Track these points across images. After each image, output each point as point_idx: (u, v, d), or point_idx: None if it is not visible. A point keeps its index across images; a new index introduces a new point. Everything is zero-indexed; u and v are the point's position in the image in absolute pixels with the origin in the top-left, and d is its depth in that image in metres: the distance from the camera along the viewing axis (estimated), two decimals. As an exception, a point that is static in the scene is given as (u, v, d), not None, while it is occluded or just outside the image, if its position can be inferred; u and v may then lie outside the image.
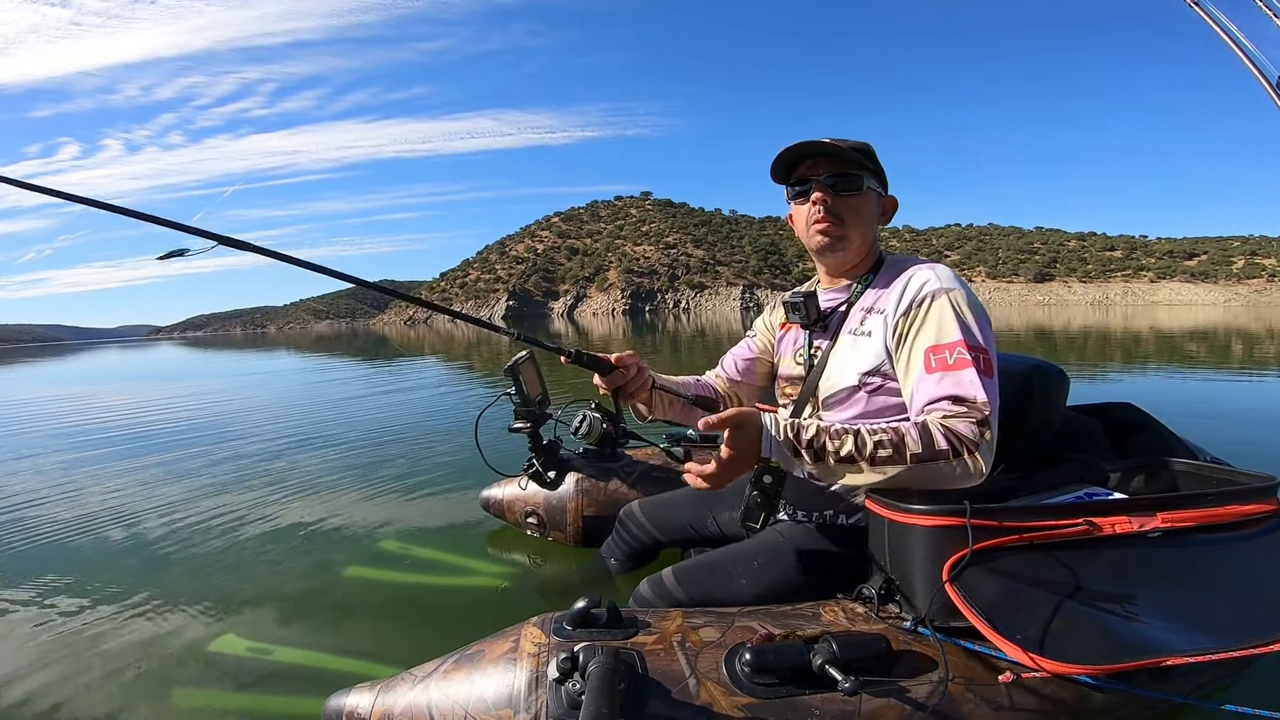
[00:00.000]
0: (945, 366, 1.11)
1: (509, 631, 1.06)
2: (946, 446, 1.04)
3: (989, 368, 1.11)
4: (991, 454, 1.07)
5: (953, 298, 1.16)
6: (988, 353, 1.13)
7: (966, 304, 1.16)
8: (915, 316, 1.17)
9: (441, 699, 0.99)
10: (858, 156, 1.26)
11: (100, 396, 9.09)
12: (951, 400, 1.08)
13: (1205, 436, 1.54)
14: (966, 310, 1.15)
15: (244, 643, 1.71)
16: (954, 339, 1.12)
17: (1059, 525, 1.04)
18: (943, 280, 1.19)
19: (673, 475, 2.13)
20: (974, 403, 1.07)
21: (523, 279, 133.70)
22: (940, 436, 1.05)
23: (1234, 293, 75.64)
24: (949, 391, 1.09)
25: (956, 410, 1.07)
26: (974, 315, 1.15)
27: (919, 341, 1.16)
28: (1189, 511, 1.09)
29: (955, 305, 1.15)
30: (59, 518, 2.95)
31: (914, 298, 1.19)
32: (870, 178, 1.29)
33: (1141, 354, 9.58)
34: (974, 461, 1.05)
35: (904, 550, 1.08)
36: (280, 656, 1.64)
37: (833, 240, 1.29)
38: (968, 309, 1.16)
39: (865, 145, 1.30)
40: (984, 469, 1.06)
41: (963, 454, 1.04)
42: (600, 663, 0.90)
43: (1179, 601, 1.04)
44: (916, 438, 1.05)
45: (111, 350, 38.43)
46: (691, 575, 1.28)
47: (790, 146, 1.26)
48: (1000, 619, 0.98)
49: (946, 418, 1.07)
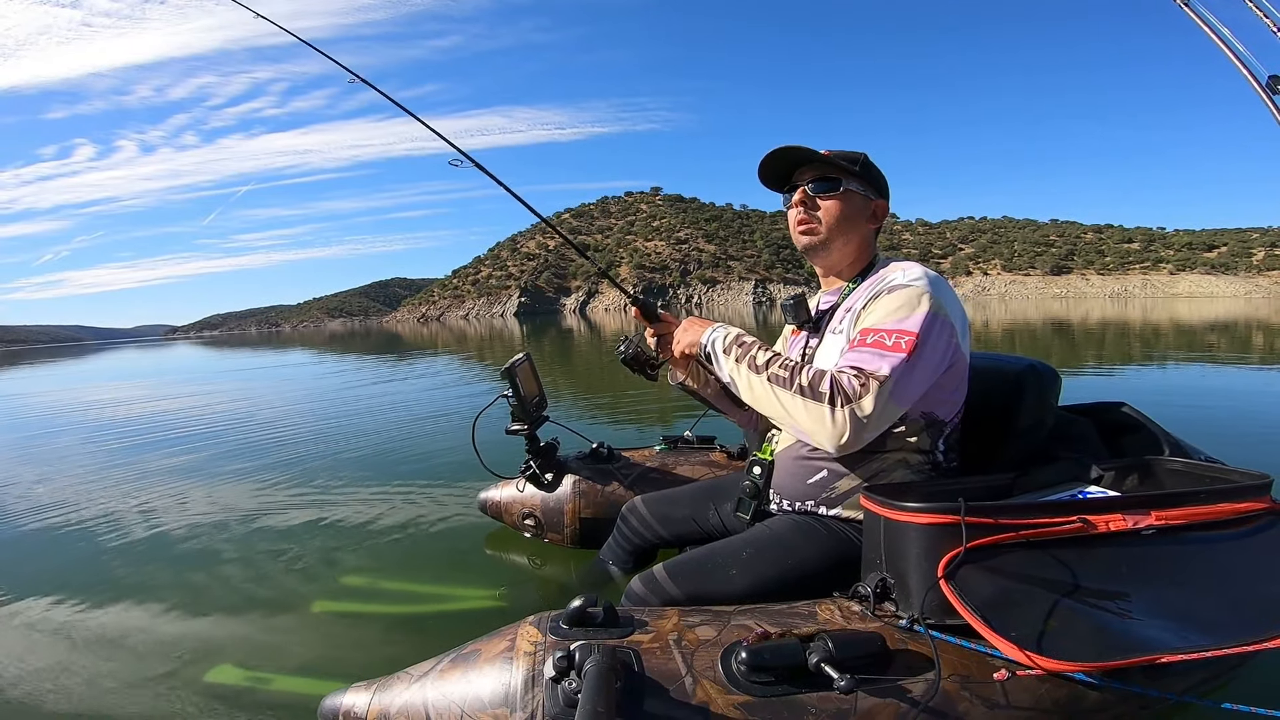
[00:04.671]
0: (867, 344, 1.17)
1: (505, 631, 1.07)
2: (827, 391, 1.12)
3: (913, 356, 1.14)
4: (862, 432, 1.12)
5: (908, 292, 1.21)
6: (916, 341, 1.15)
7: (920, 297, 1.20)
8: (870, 306, 1.24)
9: (438, 698, 1.00)
10: (838, 162, 1.33)
11: (113, 394, 9.23)
12: (855, 369, 1.14)
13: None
14: (918, 301, 1.19)
15: (243, 639, 1.73)
16: (889, 325, 1.18)
17: (1053, 523, 1.04)
18: (908, 276, 1.25)
19: (670, 477, 2.13)
20: (873, 374, 1.12)
21: (535, 275, 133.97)
22: (828, 383, 1.13)
23: (1255, 284, 74.32)
24: (855, 361, 1.16)
25: (854, 374, 1.14)
26: (924, 308, 1.19)
27: (860, 323, 1.24)
28: (1183, 509, 1.09)
29: (907, 297, 1.20)
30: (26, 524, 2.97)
31: (877, 291, 1.26)
32: (854, 181, 1.35)
33: (1185, 347, 9.44)
34: (840, 418, 1.10)
35: (899, 548, 1.08)
36: (276, 658, 1.65)
37: (812, 239, 1.37)
38: (920, 300, 1.19)
39: (857, 154, 1.36)
40: (845, 436, 1.11)
41: (836, 405, 1.11)
42: (596, 661, 0.91)
43: (1173, 599, 1.04)
44: (809, 374, 1.16)
45: (130, 350, 38.95)
46: (683, 569, 1.31)
47: (764, 158, 1.38)
48: (995, 617, 0.98)
49: (841, 373, 1.15)
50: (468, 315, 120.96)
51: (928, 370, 1.18)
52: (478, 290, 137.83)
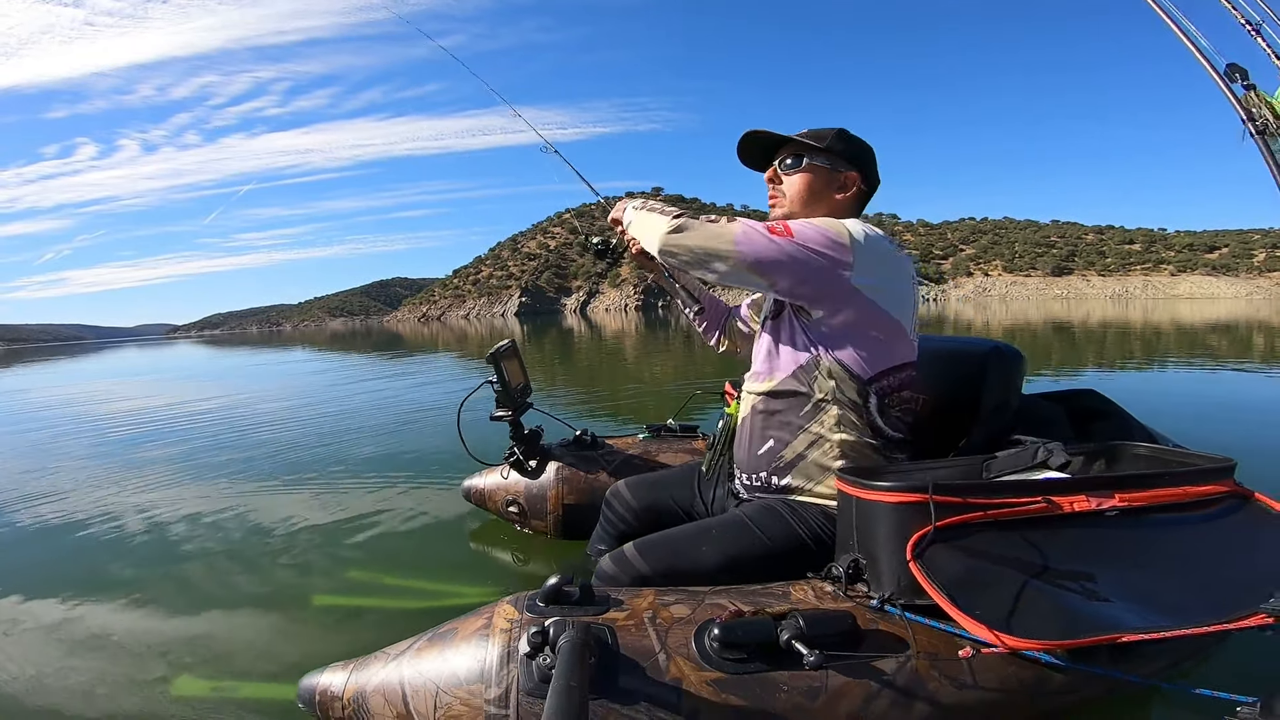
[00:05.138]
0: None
1: (483, 610, 1.09)
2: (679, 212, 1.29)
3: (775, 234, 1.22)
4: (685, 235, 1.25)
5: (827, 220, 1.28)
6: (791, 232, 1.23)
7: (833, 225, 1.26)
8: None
9: (414, 675, 1.02)
10: (802, 140, 1.40)
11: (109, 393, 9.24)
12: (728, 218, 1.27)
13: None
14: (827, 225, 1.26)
15: (221, 633, 1.73)
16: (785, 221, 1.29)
17: (1019, 503, 1.06)
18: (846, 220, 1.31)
19: (651, 464, 2.16)
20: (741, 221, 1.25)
21: (536, 275, 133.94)
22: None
23: (1256, 286, 74.16)
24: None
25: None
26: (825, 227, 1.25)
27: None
28: (1146, 492, 1.11)
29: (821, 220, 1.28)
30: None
31: None
32: (819, 156, 1.40)
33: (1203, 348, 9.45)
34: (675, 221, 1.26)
35: (870, 528, 1.11)
36: (258, 644, 1.66)
37: (778, 212, 1.44)
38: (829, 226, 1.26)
39: (828, 130, 1.41)
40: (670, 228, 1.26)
41: (681, 217, 1.27)
42: (570, 637, 0.92)
43: (1137, 580, 1.06)
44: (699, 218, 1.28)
45: (131, 349, 38.95)
46: (653, 547, 1.34)
47: (738, 142, 1.48)
48: (961, 595, 1.00)
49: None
50: (469, 315, 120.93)
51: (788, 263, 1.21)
52: (478, 290, 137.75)
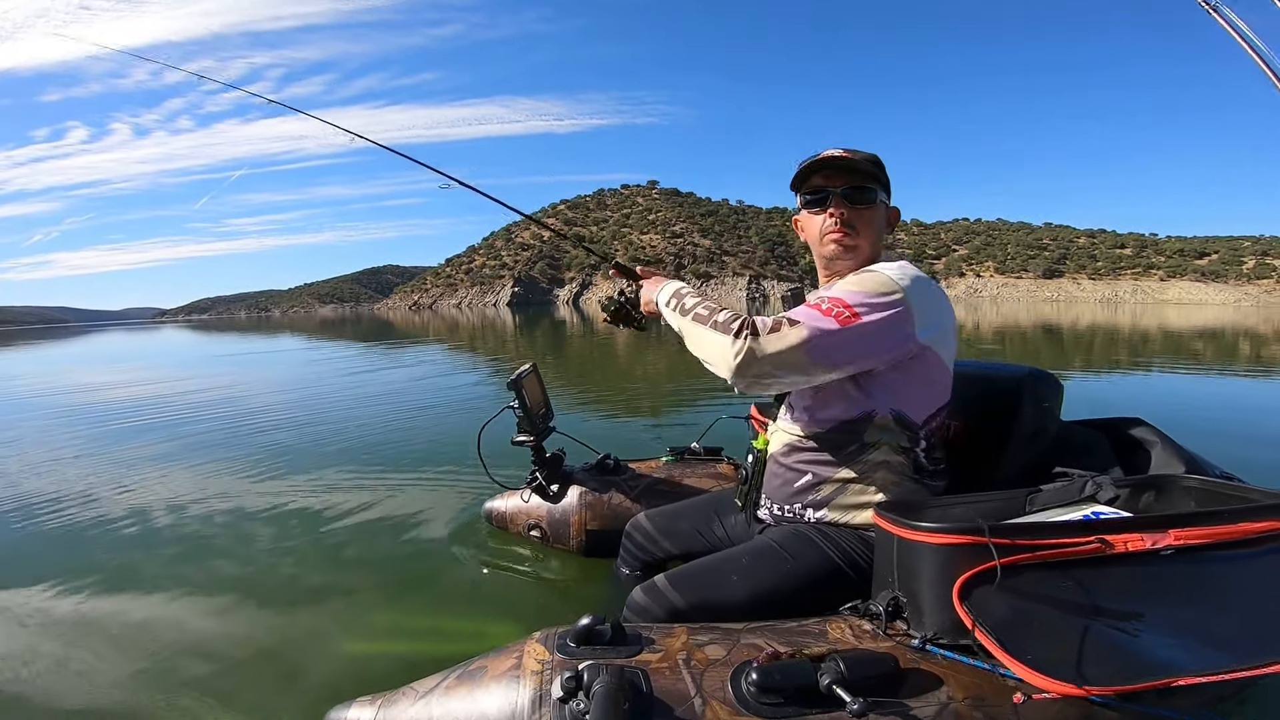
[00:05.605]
0: (807, 304, 1.18)
1: (512, 647, 1.06)
2: (736, 326, 1.14)
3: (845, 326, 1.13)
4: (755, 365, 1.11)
5: (874, 276, 1.21)
6: (853, 312, 1.15)
7: (881, 282, 1.19)
8: (838, 282, 1.26)
9: (444, 715, 0.98)
10: (872, 169, 1.31)
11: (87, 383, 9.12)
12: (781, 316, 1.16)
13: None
14: (877, 284, 1.19)
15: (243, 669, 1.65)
16: (834, 294, 1.18)
17: (1071, 543, 1.03)
18: (887, 267, 1.24)
19: (675, 488, 2.10)
20: (793, 322, 1.13)
21: (529, 265, 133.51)
22: (740, 321, 1.14)
23: (1244, 293, 74.98)
24: (787, 313, 1.16)
25: (776, 318, 1.15)
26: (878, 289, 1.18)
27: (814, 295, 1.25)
28: (1202, 529, 1.07)
29: (869, 279, 1.20)
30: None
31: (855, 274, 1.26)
32: (881, 190, 1.34)
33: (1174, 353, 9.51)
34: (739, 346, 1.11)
35: (912, 567, 1.07)
36: (280, 667, 1.62)
37: (845, 250, 1.34)
38: (878, 284, 1.19)
39: (875, 157, 1.35)
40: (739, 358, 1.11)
41: (741, 337, 1.12)
42: (605, 682, 0.89)
43: (1190, 620, 1.02)
44: (729, 314, 1.18)
45: (117, 332, 38.56)
46: (685, 578, 1.30)
47: (812, 160, 1.33)
48: (1010, 638, 0.96)
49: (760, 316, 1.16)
50: (460, 304, 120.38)
51: (861, 346, 1.16)
52: (471, 279, 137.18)
